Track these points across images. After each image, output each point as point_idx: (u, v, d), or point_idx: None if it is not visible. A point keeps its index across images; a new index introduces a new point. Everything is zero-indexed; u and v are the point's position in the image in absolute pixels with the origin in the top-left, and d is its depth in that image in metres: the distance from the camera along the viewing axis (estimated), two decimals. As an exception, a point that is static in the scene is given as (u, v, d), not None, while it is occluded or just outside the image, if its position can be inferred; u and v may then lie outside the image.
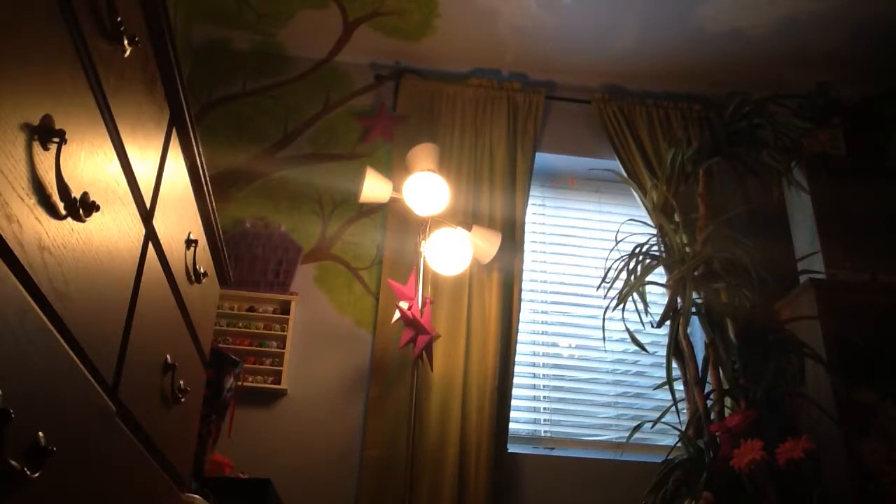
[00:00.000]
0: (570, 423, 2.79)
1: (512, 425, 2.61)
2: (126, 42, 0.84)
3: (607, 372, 2.90)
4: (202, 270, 1.34)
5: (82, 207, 0.71)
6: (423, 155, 2.62)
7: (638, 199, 2.94)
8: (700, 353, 2.45)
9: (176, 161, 1.16)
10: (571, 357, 2.93)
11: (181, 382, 1.21)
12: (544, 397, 2.84)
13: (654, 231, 2.72)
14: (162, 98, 1.07)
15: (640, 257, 2.52)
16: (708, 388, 2.38)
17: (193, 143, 1.22)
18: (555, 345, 2.94)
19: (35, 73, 0.62)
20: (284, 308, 2.65)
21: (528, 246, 2.96)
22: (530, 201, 2.99)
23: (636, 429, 2.39)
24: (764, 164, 2.58)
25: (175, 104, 1.12)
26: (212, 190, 1.37)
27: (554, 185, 3.22)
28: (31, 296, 0.62)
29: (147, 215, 1.01)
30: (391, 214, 2.83)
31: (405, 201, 2.60)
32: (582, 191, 3.22)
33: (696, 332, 2.74)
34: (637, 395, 2.88)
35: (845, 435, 2.21)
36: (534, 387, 2.84)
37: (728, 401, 2.34)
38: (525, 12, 2.89)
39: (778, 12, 2.84)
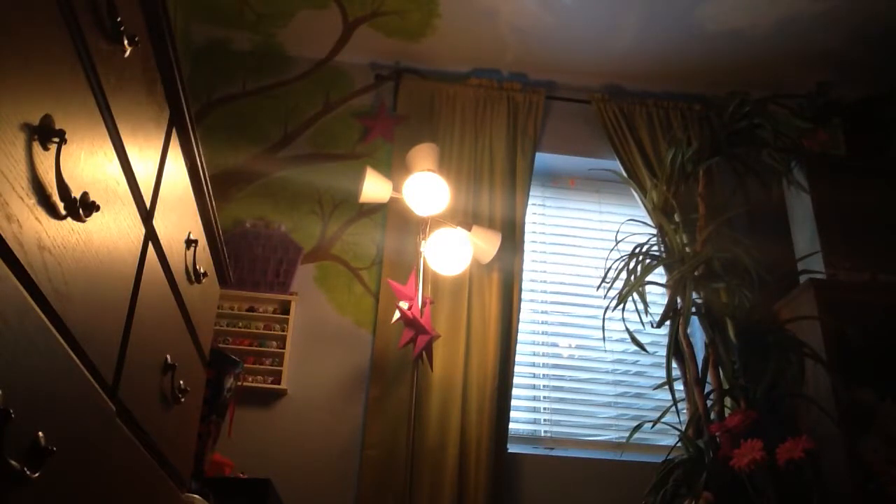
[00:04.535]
0: (570, 423, 2.79)
1: (512, 425, 2.61)
2: (126, 42, 0.84)
3: (607, 372, 2.89)
4: (202, 270, 1.34)
5: (82, 207, 0.71)
6: (423, 155, 2.62)
7: (638, 199, 2.94)
8: (700, 353, 2.45)
9: (176, 161, 1.16)
10: (571, 357, 2.93)
11: (181, 382, 1.21)
12: (544, 397, 2.84)
13: (654, 231, 2.72)
14: (162, 98, 1.07)
15: (640, 257, 2.52)
16: (708, 388, 2.38)
17: (193, 143, 1.22)
18: (555, 345, 2.94)
19: (35, 73, 0.62)
20: (284, 308, 2.65)
21: (528, 246, 2.96)
22: (530, 201, 2.99)
23: (636, 429, 2.39)
24: (764, 164, 2.58)
25: (175, 104, 1.12)
26: (212, 190, 1.37)
27: (554, 185, 3.22)
28: (31, 296, 0.62)
29: (147, 215, 1.01)
30: (391, 214, 2.83)
31: (405, 201, 2.60)
32: (582, 191, 3.22)
33: (696, 332, 2.74)
34: (637, 395, 2.88)
35: (845, 435, 2.21)
36: (534, 387, 2.84)
37: (728, 401, 2.34)
38: (525, 12, 2.89)
39: (778, 12, 2.84)
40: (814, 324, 2.40)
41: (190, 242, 1.25)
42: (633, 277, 2.48)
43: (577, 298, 3.00)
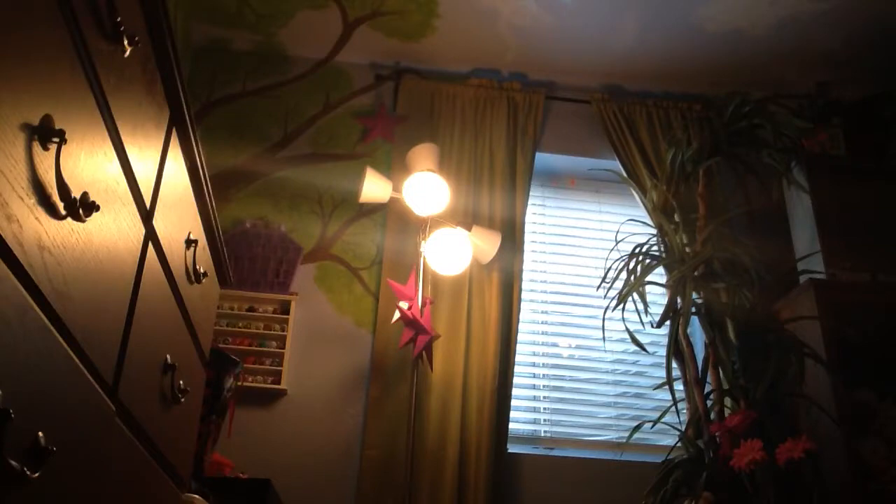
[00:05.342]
0: (570, 423, 2.79)
1: (512, 425, 2.61)
2: (126, 42, 0.84)
3: (607, 372, 2.89)
4: (202, 270, 1.34)
5: (82, 207, 0.71)
6: (423, 155, 2.62)
7: (638, 199, 2.94)
8: (700, 353, 2.45)
9: (176, 161, 1.16)
10: (571, 357, 2.93)
11: (181, 382, 1.21)
12: (544, 397, 2.84)
13: (654, 231, 2.72)
14: (162, 98, 1.07)
15: (640, 257, 2.52)
16: (708, 388, 2.38)
17: (193, 143, 1.22)
18: (555, 345, 2.94)
19: (35, 73, 0.62)
20: (284, 308, 2.65)
21: (528, 246, 2.95)
22: (530, 201, 2.99)
23: (636, 429, 2.39)
24: (764, 164, 2.58)
25: (175, 104, 1.12)
26: (212, 190, 1.37)
27: (554, 185, 3.22)
28: (31, 296, 0.62)
29: (147, 215, 1.01)
30: (391, 214, 2.83)
31: (405, 201, 2.60)
32: (582, 191, 3.22)
33: (696, 332, 2.74)
34: (637, 395, 2.88)
35: (845, 435, 2.21)
36: (534, 387, 2.84)
37: (728, 401, 2.34)
38: (525, 12, 2.89)
39: (778, 12, 2.84)
40: (814, 324, 2.40)
41: (190, 242, 1.25)
42: (633, 277, 2.48)
43: (577, 298, 2.99)
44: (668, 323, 2.41)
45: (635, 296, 2.45)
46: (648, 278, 2.47)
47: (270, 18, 2.98)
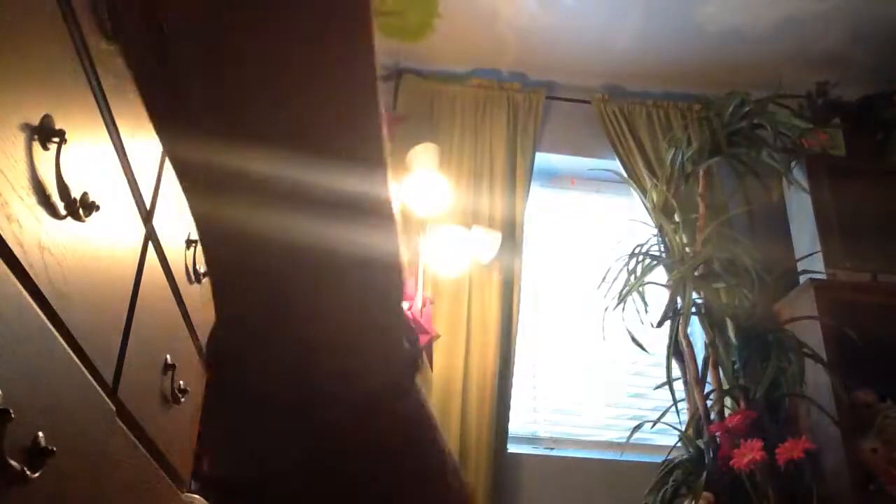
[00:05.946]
0: (570, 423, 2.79)
1: (512, 425, 2.61)
2: (126, 42, 0.84)
3: (607, 372, 2.89)
4: (202, 270, 1.34)
5: (82, 207, 0.71)
6: (423, 155, 2.62)
7: (638, 199, 2.94)
8: (700, 353, 2.45)
9: (176, 161, 1.16)
10: (571, 357, 2.93)
11: (181, 382, 1.21)
12: (544, 397, 2.83)
13: (654, 231, 2.72)
14: (162, 98, 1.06)
15: (640, 257, 2.52)
16: (708, 388, 2.38)
17: (193, 143, 1.22)
18: (555, 345, 2.93)
19: (35, 73, 0.62)
20: (284, 308, 2.65)
21: (528, 246, 2.95)
22: (530, 201, 2.98)
23: (636, 429, 2.39)
24: (764, 164, 2.58)
25: (175, 104, 1.12)
26: (212, 190, 1.36)
27: (554, 185, 3.22)
28: (31, 296, 0.62)
29: (147, 215, 1.01)
30: (391, 214, 2.82)
31: (405, 201, 2.60)
32: (582, 191, 3.22)
33: (696, 332, 2.74)
34: (637, 395, 2.87)
35: (845, 435, 2.21)
36: (534, 387, 2.84)
37: (728, 401, 2.34)
38: (525, 12, 2.89)
39: (778, 12, 2.84)
40: (814, 324, 2.40)
41: (190, 242, 1.25)
42: (633, 277, 2.48)
43: (577, 298, 2.99)
44: (668, 323, 2.41)
45: (635, 296, 2.45)
46: (648, 278, 2.47)
47: (270, 18, 2.98)
